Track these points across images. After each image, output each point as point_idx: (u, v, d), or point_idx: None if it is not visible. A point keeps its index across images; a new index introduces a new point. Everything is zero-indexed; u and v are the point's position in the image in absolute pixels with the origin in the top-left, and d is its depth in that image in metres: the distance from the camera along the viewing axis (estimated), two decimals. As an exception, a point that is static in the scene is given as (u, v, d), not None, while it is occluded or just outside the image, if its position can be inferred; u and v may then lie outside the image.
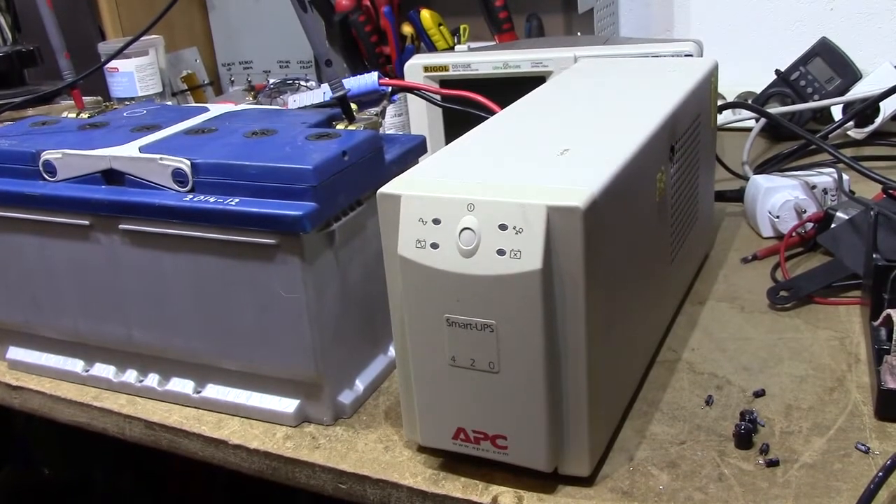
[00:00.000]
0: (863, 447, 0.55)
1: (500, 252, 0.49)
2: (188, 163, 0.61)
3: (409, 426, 0.58)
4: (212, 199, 0.60)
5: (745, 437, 0.56)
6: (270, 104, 1.19)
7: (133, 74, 1.26)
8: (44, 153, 0.66)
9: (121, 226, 0.63)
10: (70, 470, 1.31)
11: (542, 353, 0.50)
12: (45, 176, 0.67)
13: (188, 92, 1.39)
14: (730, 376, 0.64)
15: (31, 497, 1.31)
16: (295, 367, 0.62)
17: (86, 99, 0.85)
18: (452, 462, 0.57)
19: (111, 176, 0.65)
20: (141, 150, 0.65)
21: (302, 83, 1.25)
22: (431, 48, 1.20)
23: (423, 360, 0.54)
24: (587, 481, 0.54)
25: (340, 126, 0.68)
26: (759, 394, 0.62)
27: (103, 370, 0.71)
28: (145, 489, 1.28)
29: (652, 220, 0.62)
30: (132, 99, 1.27)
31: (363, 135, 0.64)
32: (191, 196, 0.61)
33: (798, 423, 0.58)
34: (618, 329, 0.56)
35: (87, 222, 0.65)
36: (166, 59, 1.32)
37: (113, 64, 1.25)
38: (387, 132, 1.09)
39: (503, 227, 0.49)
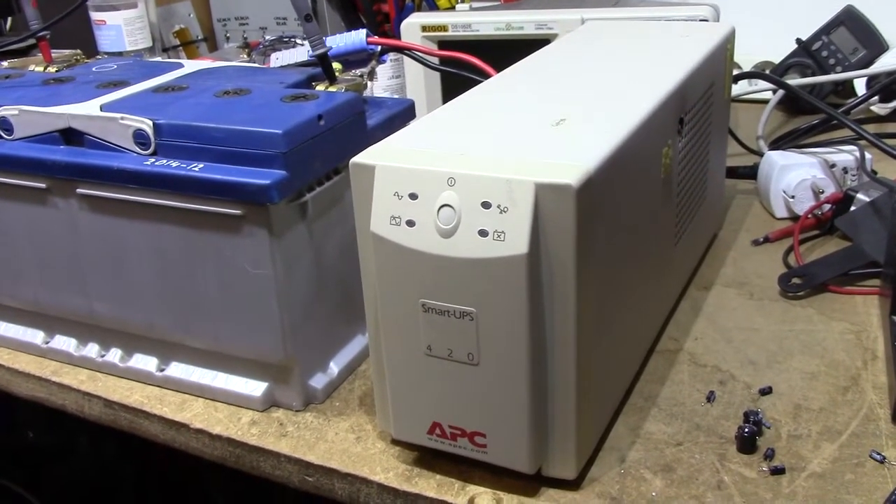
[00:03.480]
0: (878, 456, 0.50)
1: (483, 233, 0.44)
2: (150, 123, 0.56)
3: (383, 417, 0.54)
4: (174, 164, 0.55)
5: (748, 440, 0.51)
6: (264, 62, 1.13)
7: (121, 28, 1.20)
8: (0, 109, 0.61)
9: (78, 190, 0.59)
10: (55, 434, 1.28)
11: (525, 344, 0.45)
12: (2, 134, 0.62)
13: (180, 48, 1.34)
14: (734, 370, 0.59)
15: (14, 460, 1.28)
16: (262, 349, 0.57)
17: (60, 52, 0.80)
18: (428, 457, 0.53)
19: (71, 136, 0.60)
20: (102, 108, 0.59)
21: (298, 41, 1.19)
22: (432, 6, 1.14)
23: (396, 347, 0.49)
24: (573, 484, 0.50)
25: (321, 87, 0.62)
26: (766, 391, 0.57)
27: (64, 343, 0.66)
28: (129, 456, 1.25)
29: (655, 199, 0.57)
30: (120, 53, 1.21)
31: (343, 97, 0.59)
32: (152, 160, 0.56)
33: (807, 426, 0.53)
34: (613, 317, 0.51)
35: (43, 185, 0.60)
36: (157, 13, 1.27)
37: (100, 16, 1.20)
38: (381, 95, 1.03)
39: (486, 206, 0.44)
